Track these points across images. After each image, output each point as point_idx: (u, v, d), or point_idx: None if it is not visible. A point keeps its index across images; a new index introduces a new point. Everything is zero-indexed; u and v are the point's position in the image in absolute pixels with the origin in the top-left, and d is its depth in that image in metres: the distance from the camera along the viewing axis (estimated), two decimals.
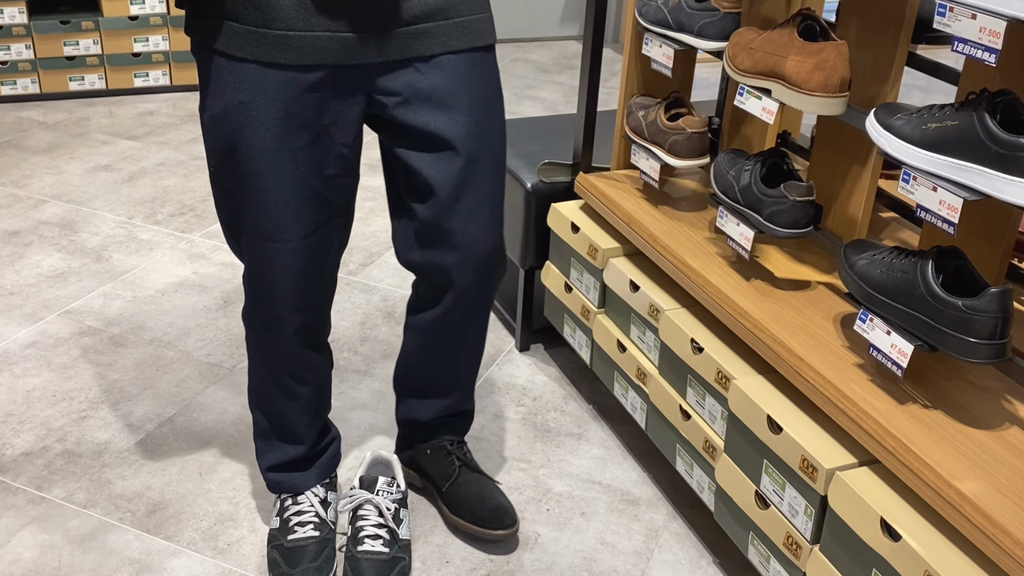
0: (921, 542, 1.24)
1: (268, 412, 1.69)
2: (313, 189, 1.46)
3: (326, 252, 1.54)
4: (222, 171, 1.47)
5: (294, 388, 1.65)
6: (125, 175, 3.25)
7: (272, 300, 1.55)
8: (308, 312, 1.58)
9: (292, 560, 1.63)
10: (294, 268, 1.51)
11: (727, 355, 1.65)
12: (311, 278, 1.54)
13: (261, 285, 1.54)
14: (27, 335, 2.35)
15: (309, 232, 1.49)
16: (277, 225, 1.46)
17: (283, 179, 1.43)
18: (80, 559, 1.71)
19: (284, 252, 1.49)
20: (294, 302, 1.55)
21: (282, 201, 1.45)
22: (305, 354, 1.63)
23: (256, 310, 1.59)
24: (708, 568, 1.77)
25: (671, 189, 2.05)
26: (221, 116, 1.41)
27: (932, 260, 1.35)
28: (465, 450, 1.83)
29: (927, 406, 1.40)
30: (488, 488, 1.78)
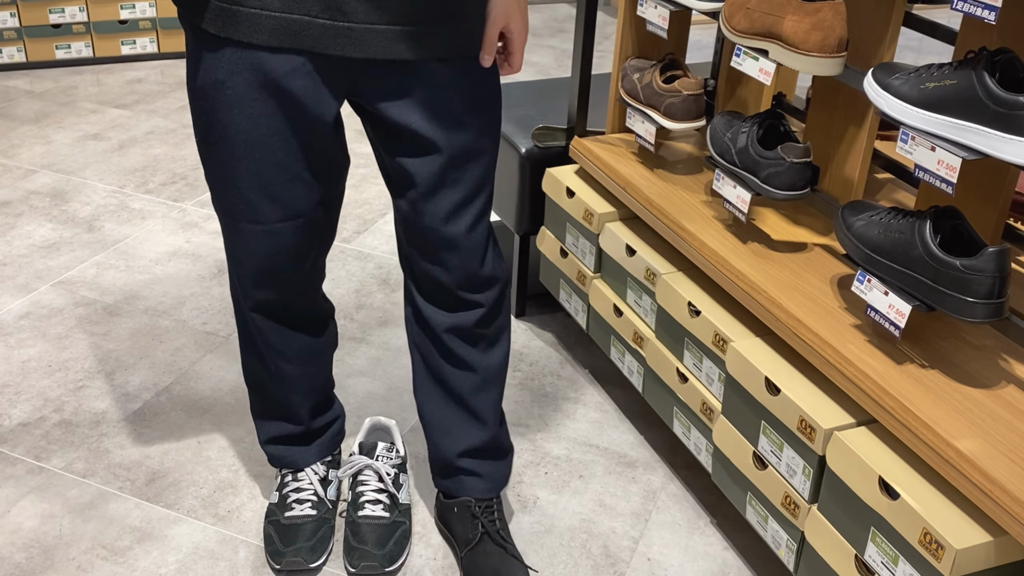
0: (919, 500, 1.25)
1: (258, 388, 1.68)
2: (292, 174, 1.40)
3: (302, 240, 1.48)
4: (202, 145, 1.43)
5: (279, 365, 1.62)
6: (115, 144, 3.22)
7: (245, 275, 1.51)
8: (282, 293, 1.54)
9: (287, 538, 1.64)
10: (265, 250, 1.46)
11: (724, 318, 1.65)
12: (285, 262, 1.49)
13: (234, 262, 1.51)
14: (21, 306, 2.34)
15: (285, 217, 1.43)
16: (250, 207, 1.42)
17: (256, 163, 1.38)
18: (81, 528, 1.72)
19: (256, 234, 1.45)
20: (268, 281, 1.51)
21: (255, 184, 1.40)
22: (285, 331, 1.59)
23: (233, 283, 1.56)
24: (706, 528, 1.78)
25: (667, 152, 2.04)
26: (200, 91, 1.36)
27: (930, 220, 1.35)
28: (495, 516, 1.66)
29: (924, 366, 1.40)
30: (508, 566, 1.61)
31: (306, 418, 1.69)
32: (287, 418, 1.69)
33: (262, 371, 1.64)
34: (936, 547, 1.21)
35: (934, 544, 1.21)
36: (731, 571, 1.69)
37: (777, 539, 1.53)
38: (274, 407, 1.68)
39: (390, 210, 2.85)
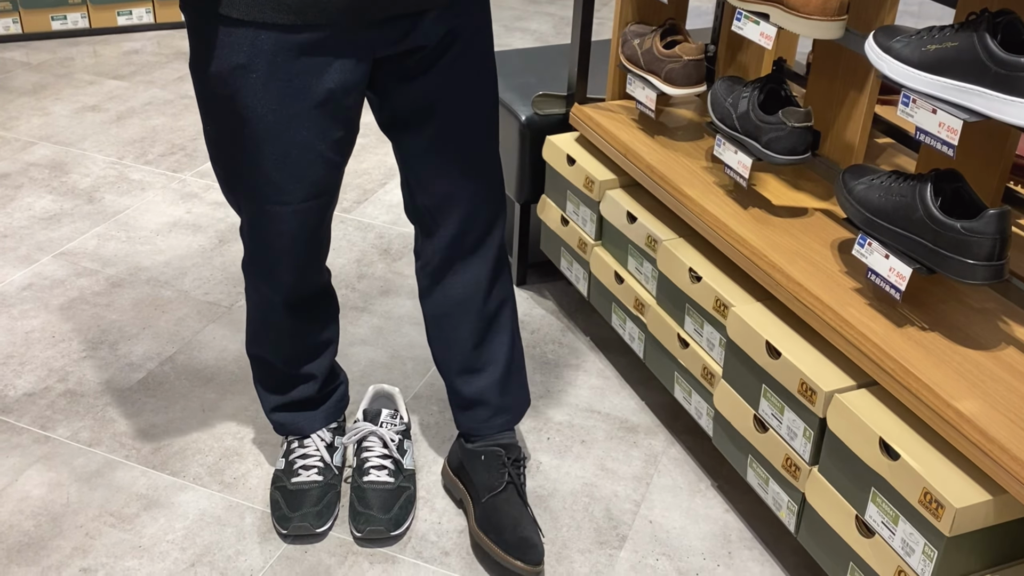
0: (919, 460, 1.26)
1: (266, 359, 1.69)
2: (317, 153, 1.41)
3: (325, 212, 1.51)
4: (220, 133, 1.42)
5: (287, 338, 1.64)
6: (113, 115, 3.21)
7: (270, 258, 1.53)
8: (306, 268, 1.57)
9: (293, 503, 1.66)
10: (292, 230, 1.48)
11: (725, 283, 1.66)
12: (309, 238, 1.52)
13: (259, 244, 1.53)
14: (23, 277, 2.34)
15: (310, 196, 1.45)
16: (276, 189, 1.43)
17: (283, 144, 1.38)
18: (88, 496, 1.73)
19: (284, 215, 1.46)
20: (291, 261, 1.54)
21: (283, 166, 1.40)
22: (300, 306, 1.61)
23: (254, 265, 1.58)
24: (707, 491, 1.80)
25: (667, 118, 2.04)
26: (217, 78, 1.34)
27: (931, 183, 1.36)
28: (521, 472, 1.69)
29: (925, 328, 1.41)
30: (527, 519, 1.62)
31: (312, 386, 1.71)
32: (293, 388, 1.70)
33: (270, 345, 1.66)
34: (936, 506, 1.22)
35: (934, 503, 1.22)
36: (732, 533, 1.71)
37: (778, 501, 1.55)
38: (280, 378, 1.70)
39: (390, 180, 2.85)
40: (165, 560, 1.61)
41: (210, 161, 1.47)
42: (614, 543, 1.68)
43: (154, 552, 1.63)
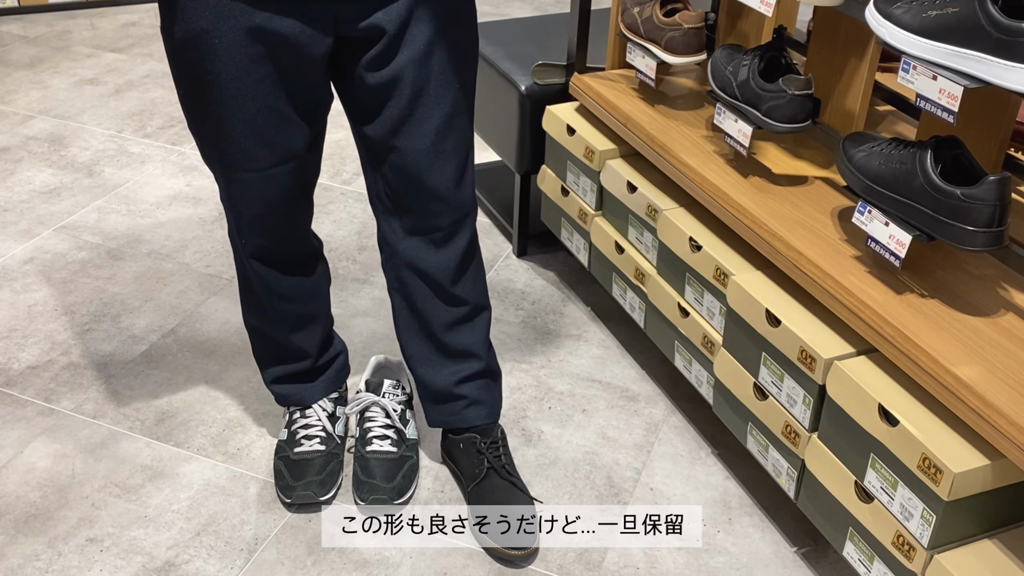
0: (918, 426, 1.27)
1: (260, 333, 1.69)
2: (283, 118, 1.40)
3: (299, 178, 1.50)
4: (188, 98, 1.41)
5: (279, 306, 1.64)
6: (111, 88, 3.20)
7: (244, 224, 1.53)
8: (279, 235, 1.56)
9: (297, 472, 1.67)
10: (265, 196, 1.48)
11: (725, 252, 1.67)
12: (282, 204, 1.51)
13: (233, 210, 1.52)
14: (24, 251, 2.35)
15: (280, 160, 1.44)
16: (246, 155, 1.42)
17: (249, 111, 1.38)
18: (93, 467, 1.75)
19: (254, 181, 1.45)
20: (266, 227, 1.53)
21: (250, 131, 1.40)
22: (282, 272, 1.60)
23: (232, 230, 1.58)
24: (707, 459, 1.81)
25: (667, 87, 2.04)
26: (182, 43, 1.34)
27: (931, 150, 1.36)
28: (500, 452, 1.68)
29: (924, 295, 1.42)
30: (514, 499, 1.63)
31: (310, 356, 1.71)
32: (291, 359, 1.71)
33: (264, 316, 1.66)
34: (935, 471, 1.23)
35: (933, 468, 1.23)
36: (732, 499, 1.72)
37: (778, 467, 1.56)
38: (277, 350, 1.70)
39: None
40: (171, 530, 1.63)
41: (189, 130, 1.47)
42: (615, 510, 1.69)
43: (159, 522, 1.64)
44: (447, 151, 1.48)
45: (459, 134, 1.48)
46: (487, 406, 1.70)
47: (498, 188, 2.56)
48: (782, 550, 1.63)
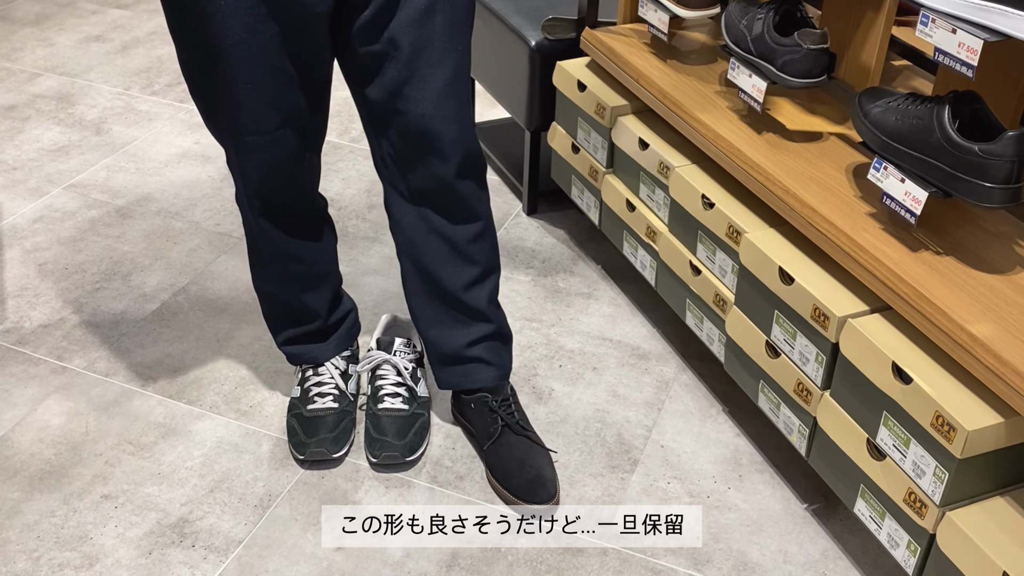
0: (932, 384, 1.27)
1: (269, 291, 1.69)
2: (288, 76, 1.39)
3: (306, 139, 1.49)
4: (193, 63, 1.40)
5: (288, 267, 1.64)
6: (118, 45, 3.18)
7: (252, 187, 1.52)
8: (287, 196, 1.55)
9: (310, 429, 1.67)
10: (273, 158, 1.47)
11: (738, 209, 1.65)
12: (291, 165, 1.50)
13: (240, 174, 1.51)
14: (34, 209, 2.34)
15: (287, 122, 1.44)
16: (253, 118, 1.41)
17: (257, 72, 1.36)
18: (106, 424, 1.76)
19: (262, 144, 1.44)
20: (275, 188, 1.52)
21: (257, 93, 1.38)
22: (291, 233, 1.60)
23: (240, 194, 1.57)
24: (718, 416, 1.81)
25: (680, 42, 2.01)
26: (185, 7, 1.32)
27: (948, 105, 1.34)
28: (513, 409, 1.69)
29: (939, 252, 1.40)
30: (532, 454, 1.64)
31: (320, 316, 1.71)
32: (302, 320, 1.71)
33: (273, 279, 1.66)
34: (948, 429, 1.23)
35: (946, 426, 1.23)
36: (743, 456, 1.73)
37: (789, 425, 1.56)
38: (287, 312, 1.70)
39: None
40: (184, 487, 1.64)
41: (191, 95, 1.46)
42: (626, 467, 1.70)
43: (173, 479, 1.65)
44: (451, 114, 1.45)
45: (462, 95, 1.46)
46: (497, 368, 1.70)
47: (507, 145, 2.54)
48: (792, 506, 1.64)
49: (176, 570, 1.50)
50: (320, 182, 1.62)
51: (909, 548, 1.34)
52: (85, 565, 1.50)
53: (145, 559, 1.52)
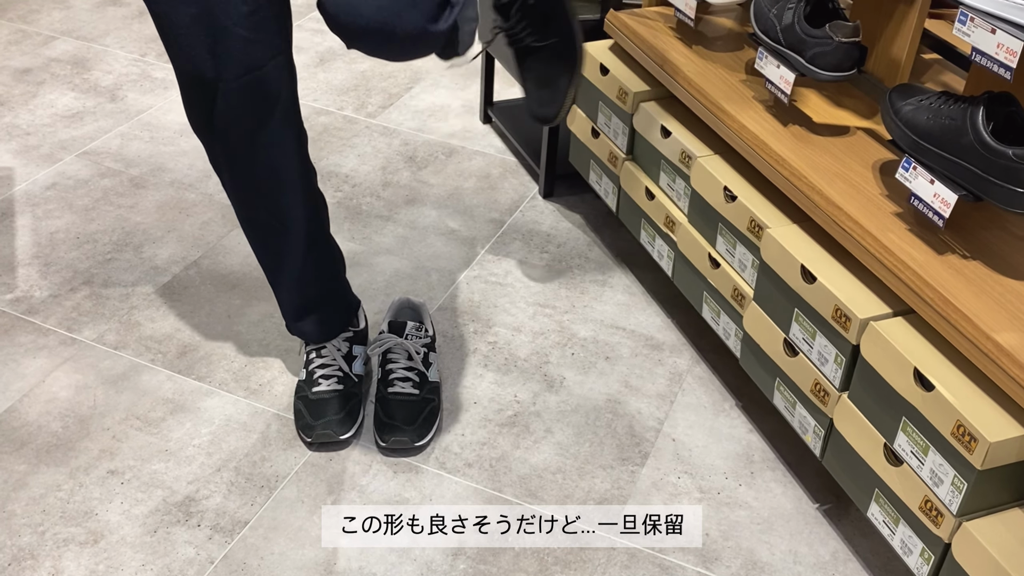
0: (954, 392, 1.24)
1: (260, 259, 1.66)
2: (221, 26, 1.33)
3: (267, 93, 1.42)
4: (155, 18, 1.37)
5: (266, 237, 1.59)
6: (135, 10, 3.14)
7: (213, 144, 1.47)
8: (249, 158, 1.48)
9: (315, 412, 1.66)
10: (227, 110, 1.40)
11: (761, 203, 1.62)
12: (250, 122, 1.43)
13: (199, 128, 1.45)
14: (47, 176, 2.32)
15: (238, 75, 1.37)
16: (196, 65, 1.36)
17: (186, 18, 1.32)
18: (115, 399, 1.74)
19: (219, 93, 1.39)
20: (231, 145, 1.45)
21: (196, 41, 1.34)
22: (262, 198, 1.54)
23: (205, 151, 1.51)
24: (731, 411, 1.79)
25: (706, 28, 1.97)
26: None
27: (983, 106, 1.30)
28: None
29: (966, 256, 1.37)
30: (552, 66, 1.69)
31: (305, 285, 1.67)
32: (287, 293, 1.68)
33: (256, 244, 1.62)
34: (969, 439, 1.21)
35: (967, 436, 1.21)
36: (755, 453, 1.71)
37: (804, 425, 1.54)
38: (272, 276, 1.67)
39: (416, 84, 2.79)
40: (191, 464, 1.63)
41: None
42: (636, 460, 1.68)
43: (180, 456, 1.64)
44: None
45: None
46: None
47: (525, 126, 2.51)
48: (803, 506, 1.62)
49: (180, 549, 1.49)
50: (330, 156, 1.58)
51: (923, 556, 1.33)
52: (90, 541, 1.50)
53: (150, 537, 1.51)
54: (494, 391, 1.80)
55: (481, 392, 1.80)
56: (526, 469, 1.65)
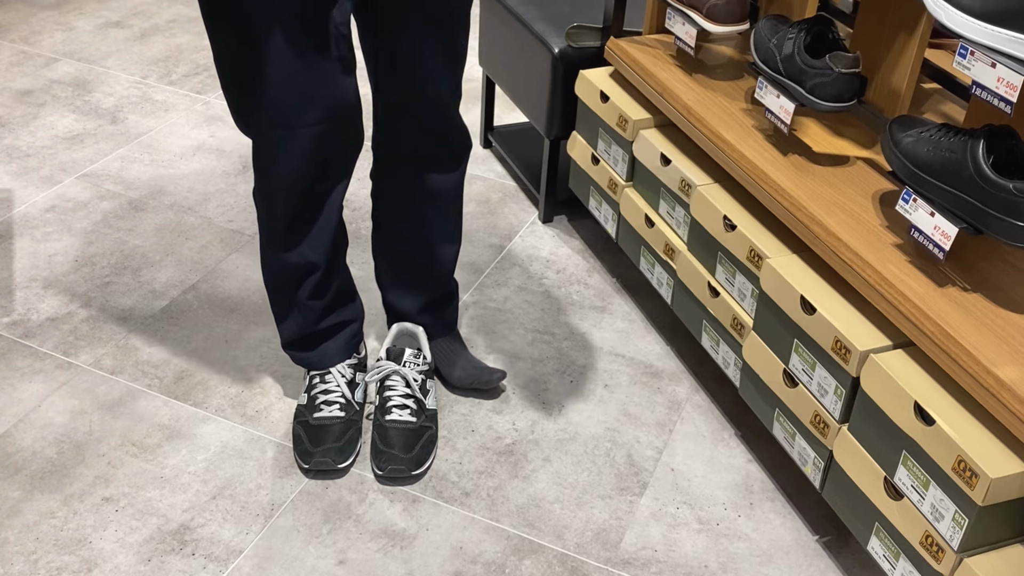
0: (955, 427, 1.23)
1: (276, 288, 1.67)
2: (322, 71, 1.41)
3: (336, 142, 1.50)
4: (227, 53, 1.41)
5: (301, 271, 1.62)
6: (137, 32, 3.15)
7: (275, 186, 1.51)
8: (307, 200, 1.55)
9: (316, 438, 1.65)
10: (300, 156, 1.47)
11: (760, 233, 1.62)
12: (315, 168, 1.50)
13: (265, 170, 1.51)
14: (46, 199, 2.32)
15: (319, 120, 1.44)
16: (284, 111, 1.42)
17: (292, 64, 1.38)
18: (110, 424, 1.73)
19: (293, 139, 1.45)
20: (298, 190, 1.52)
21: (292, 86, 1.40)
22: (310, 238, 1.59)
23: (261, 192, 1.56)
24: (730, 440, 1.78)
25: (706, 56, 1.97)
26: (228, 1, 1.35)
27: (983, 139, 1.30)
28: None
29: (966, 289, 1.37)
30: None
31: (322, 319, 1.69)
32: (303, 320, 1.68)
33: (285, 277, 1.64)
34: (970, 475, 1.20)
35: (968, 472, 1.20)
36: (755, 483, 1.70)
37: (804, 456, 1.53)
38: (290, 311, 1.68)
39: None
40: (187, 492, 1.62)
41: (221, 89, 1.46)
42: (635, 490, 1.67)
43: (175, 483, 1.63)
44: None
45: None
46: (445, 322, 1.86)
47: (525, 150, 2.51)
48: (803, 538, 1.61)
49: None
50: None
51: None
52: (83, 570, 1.48)
53: (144, 566, 1.50)
54: (492, 419, 1.79)
55: (479, 420, 1.79)
56: (524, 499, 1.64)
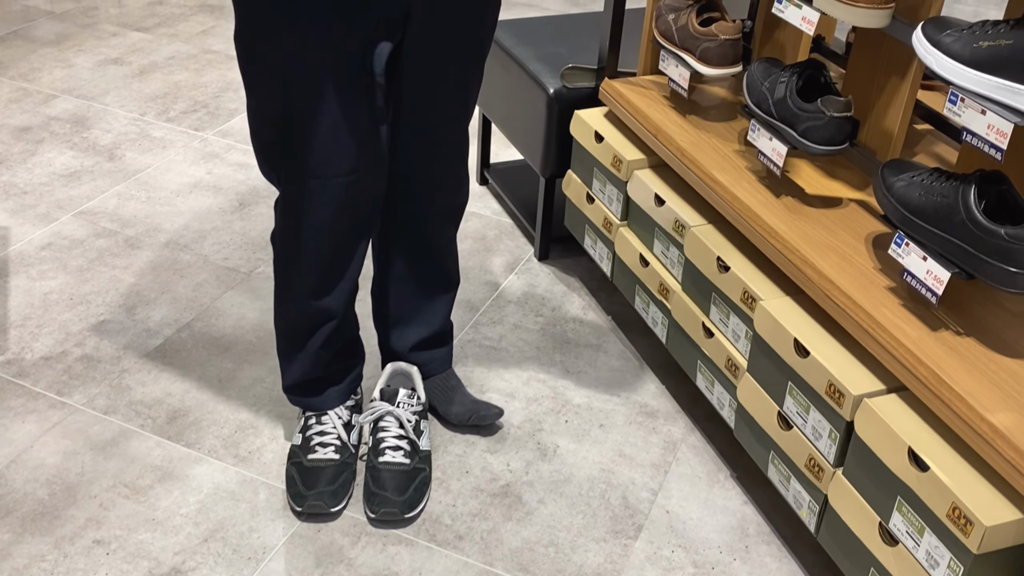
0: (949, 474, 1.23)
1: (287, 334, 1.68)
2: (357, 123, 1.45)
3: (366, 191, 1.54)
4: (267, 104, 1.45)
5: (317, 319, 1.64)
6: (135, 69, 3.17)
7: (307, 234, 1.54)
8: (335, 251, 1.57)
9: (309, 481, 1.64)
10: (332, 206, 1.51)
11: (754, 275, 1.62)
12: (345, 218, 1.54)
13: (297, 218, 1.53)
14: (42, 236, 2.33)
15: (353, 169, 1.48)
16: (320, 161, 1.46)
17: (332, 116, 1.42)
18: (103, 465, 1.73)
19: (326, 188, 1.49)
20: (329, 239, 1.55)
21: (333, 138, 1.44)
22: (337, 289, 1.62)
23: (285, 239, 1.58)
24: (726, 482, 1.77)
25: (700, 97, 1.98)
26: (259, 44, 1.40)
27: (975, 185, 1.31)
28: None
29: (960, 333, 1.37)
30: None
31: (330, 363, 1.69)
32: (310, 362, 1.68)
33: (298, 322, 1.66)
34: (965, 522, 1.19)
35: (963, 519, 1.19)
36: (750, 526, 1.69)
37: (799, 500, 1.52)
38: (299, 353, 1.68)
39: None
40: (178, 534, 1.61)
41: (250, 134, 1.52)
42: (630, 532, 1.66)
43: (167, 526, 1.62)
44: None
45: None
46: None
47: (520, 188, 2.52)
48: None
49: None
50: None
51: None
52: None
53: None
54: (486, 460, 1.78)
55: (473, 461, 1.78)
56: (518, 542, 1.63)
